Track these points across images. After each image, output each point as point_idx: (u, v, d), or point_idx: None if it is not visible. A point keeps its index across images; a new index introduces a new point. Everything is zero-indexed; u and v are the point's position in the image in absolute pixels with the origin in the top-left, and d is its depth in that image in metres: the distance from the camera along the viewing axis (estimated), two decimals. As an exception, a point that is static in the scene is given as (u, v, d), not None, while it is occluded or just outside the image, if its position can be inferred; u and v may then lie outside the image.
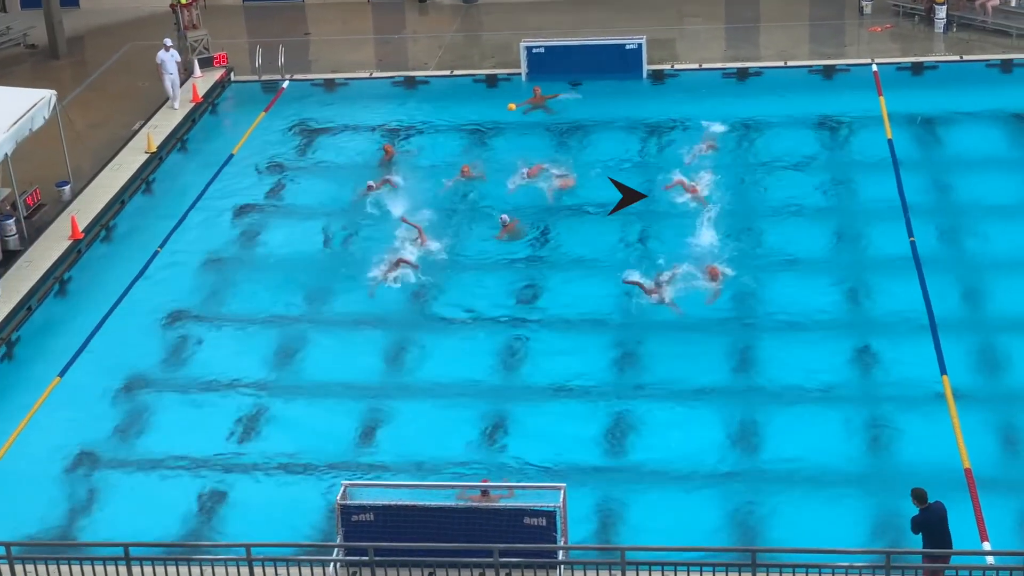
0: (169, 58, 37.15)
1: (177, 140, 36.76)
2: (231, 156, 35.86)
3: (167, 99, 37.65)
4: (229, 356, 27.25)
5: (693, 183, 31.80)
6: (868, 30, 40.84)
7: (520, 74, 39.05)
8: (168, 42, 37.42)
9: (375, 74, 40.31)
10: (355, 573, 20.11)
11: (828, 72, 38.28)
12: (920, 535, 18.98)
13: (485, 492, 21.40)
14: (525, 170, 33.04)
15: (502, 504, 20.31)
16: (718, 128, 34.74)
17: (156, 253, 31.29)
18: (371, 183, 32.95)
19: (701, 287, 27.99)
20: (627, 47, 38.63)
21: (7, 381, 27.08)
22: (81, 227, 31.52)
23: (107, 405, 25.90)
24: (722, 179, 32.32)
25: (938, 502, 19.11)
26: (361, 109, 38.13)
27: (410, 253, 29.81)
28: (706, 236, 29.97)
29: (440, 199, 32.46)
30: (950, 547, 18.90)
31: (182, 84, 37.98)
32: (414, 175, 33.61)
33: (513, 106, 37.17)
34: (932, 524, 18.86)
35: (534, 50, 39.00)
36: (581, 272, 29.38)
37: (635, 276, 28.30)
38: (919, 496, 19.07)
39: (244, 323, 28.36)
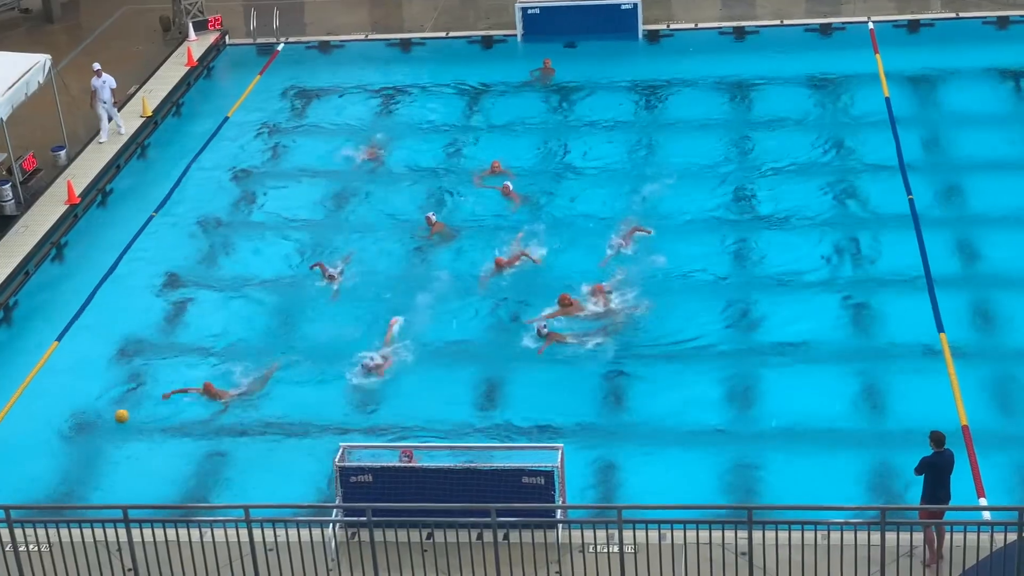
0: (102, 85, 33.60)
1: (172, 104, 36.64)
2: (226, 119, 35.76)
3: (97, 132, 34.01)
4: (226, 320, 27.26)
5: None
6: (865, -12, 40.66)
7: (516, 35, 38.91)
8: (97, 66, 33.71)
9: (370, 36, 40.15)
10: (354, 534, 20.15)
11: (824, 30, 38.14)
12: (922, 477, 19.04)
13: (407, 452, 21.28)
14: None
15: (500, 464, 20.31)
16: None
17: (151, 217, 31.24)
18: (326, 269, 28.36)
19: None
20: (622, 7, 38.46)
21: (5, 346, 27.13)
22: (77, 192, 31.47)
23: (104, 369, 25.93)
24: (710, 156, 32.03)
25: (950, 451, 19.16)
26: (357, 71, 37.99)
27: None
28: (702, 195, 30.05)
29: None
30: (948, 496, 18.98)
31: (179, 46, 37.42)
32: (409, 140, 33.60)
33: None
34: (939, 468, 18.96)
35: (529, 11, 38.83)
36: (573, 236, 29.38)
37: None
38: (938, 440, 19.08)
39: (240, 287, 28.35)
